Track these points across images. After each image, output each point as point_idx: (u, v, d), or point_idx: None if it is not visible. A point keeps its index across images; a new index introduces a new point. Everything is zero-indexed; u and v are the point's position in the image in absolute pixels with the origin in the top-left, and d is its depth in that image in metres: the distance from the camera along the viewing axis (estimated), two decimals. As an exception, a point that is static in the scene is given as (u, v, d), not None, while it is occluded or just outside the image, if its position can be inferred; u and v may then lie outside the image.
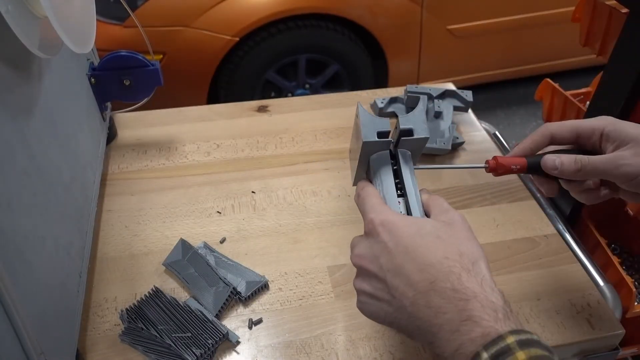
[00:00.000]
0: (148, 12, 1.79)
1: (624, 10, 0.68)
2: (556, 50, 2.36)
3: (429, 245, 0.40)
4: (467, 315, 0.37)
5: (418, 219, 0.44)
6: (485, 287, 0.38)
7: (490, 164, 0.53)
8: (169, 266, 0.67)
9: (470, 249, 0.41)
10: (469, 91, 0.93)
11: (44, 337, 0.46)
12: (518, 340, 0.34)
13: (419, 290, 0.39)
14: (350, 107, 0.98)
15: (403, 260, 0.40)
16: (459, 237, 0.42)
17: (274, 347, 0.60)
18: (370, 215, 0.44)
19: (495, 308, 0.37)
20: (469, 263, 0.39)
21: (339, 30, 1.98)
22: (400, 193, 0.48)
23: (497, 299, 0.38)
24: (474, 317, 0.37)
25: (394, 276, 0.41)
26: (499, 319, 0.36)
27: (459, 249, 0.40)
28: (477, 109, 0.97)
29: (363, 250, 0.44)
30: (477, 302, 0.37)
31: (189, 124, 0.94)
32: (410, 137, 0.49)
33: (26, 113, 0.51)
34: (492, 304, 0.37)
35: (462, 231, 0.43)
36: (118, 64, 0.78)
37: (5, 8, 0.43)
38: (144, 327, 0.59)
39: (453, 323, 0.37)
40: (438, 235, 0.41)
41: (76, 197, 0.63)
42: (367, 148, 0.49)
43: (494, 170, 0.53)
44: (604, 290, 0.68)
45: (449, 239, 0.41)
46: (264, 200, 0.79)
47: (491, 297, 0.38)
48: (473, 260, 0.40)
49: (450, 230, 0.42)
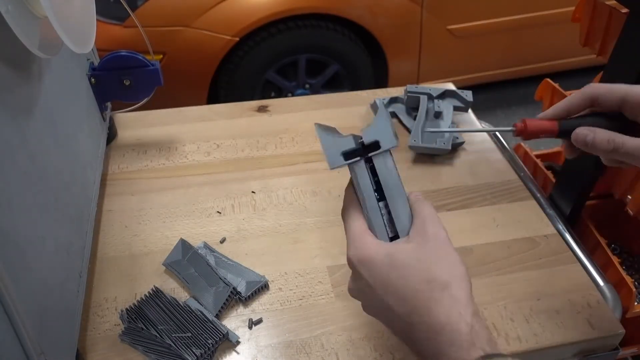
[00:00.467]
0: (148, 12, 1.79)
1: (624, 10, 0.68)
2: (556, 50, 2.36)
3: (402, 278, 0.41)
4: (438, 350, 0.38)
5: (393, 248, 0.43)
6: (452, 316, 0.38)
7: (518, 127, 0.50)
8: (169, 266, 0.67)
9: (441, 272, 0.40)
10: (469, 91, 0.93)
11: (44, 337, 0.46)
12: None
13: (401, 321, 0.41)
14: (351, 107, 0.98)
15: (383, 294, 0.42)
16: (431, 259, 0.41)
17: (274, 347, 0.60)
18: (350, 251, 0.44)
19: (461, 337, 0.38)
20: (438, 290, 0.40)
21: (339, 30, 1.98)
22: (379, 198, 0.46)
23: (465, 324, 0.38)
24: (443, 351, 0.38)
25: (380, 310, 0.43)
26: (464, 348, 0.37)
27: (430, 275, 0.40)
28: (477, 109, 0.97)
29: (352, 284, 0.46)
30: (444, 336, 0.38)
31: (189, 124, 0.94)
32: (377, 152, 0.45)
33: (26, 113, 0.51)
34: (458, 334, 0.38)
35: (435, 250, 0.42)
36: (118, 64, 0.78)
37: (5, 8, 0.43)
38: (144, 327, 0.59)
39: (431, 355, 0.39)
40: (408, 264, 0.41)
41: (76, 197, 0.63)
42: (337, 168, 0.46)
43: (522, 134, 0.50)
44: (604, 290, 0.68)
45: (420, 266, 0.41)
46: (264, 200, 0.79)
47: (459, 325, 0.38)
48: (443, 286, 0.40)
49: (423, 252, 0.42)
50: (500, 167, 0.86)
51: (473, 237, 0.73)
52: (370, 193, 0.46)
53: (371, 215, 0.45)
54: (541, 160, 0.97)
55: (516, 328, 0.62)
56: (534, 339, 0.61)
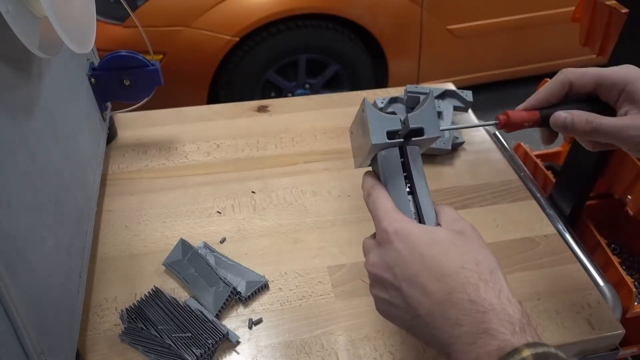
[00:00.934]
0: (148, 12, 1.79)
1: (624, 10, 0.68)
2: (556, 50, 2.36)
3: (445, 254, 0.39)
4: (484, 328, 0.36)
5: (431, 228, 0.42)
6: (502, 299, 0.38)
7: (501, 119, 0.51)
8: (169, 266, 0.67)
9: (487, 258, 0.40)
10: (469, 91, 0.93)
11: (44, 337, 0.46)
12: (534, 354, 0.34)
13: (435, 300, 0.39)
14: (350, 107, 0.98)
15: (418, 269, 0.40)
16: (474, 245, 0.41)
17: (274, 347, 0.60)
18: (384, 223, 0.42)
19: (512, 321, 0.37)
20: (486, 272, 0.39)
21: (339, 30, 1.98)
22: (409, 191, 0.46)
23: (515, 311, 0.37)
24: (490, 330, 0.36)
25: (410, 286, 0.40)
26: (516, 332, 0.36)
27: (476, 257, 0.40)
28: (477, 109, 0.97)
29: (376, 259, 0.43)
30: (494, 315, 0.36)
31: (189, 124, 0.94)
32: (420, 137, 0.46)
33: (26, 113, 0.51)
34: (509, 317, 0.37)
35: (475, 240, 0.42)
36: (118, 64, 0.78)
37: (5, 8, 0.43)
38: (144, 327, 0.59)
39: (470, 336, 0.37)
40: (454, 242, 0.40)
41: (76, 197, 0.63)
42: (377, 148, 0.47)
43: (505, 126, 0.51)
44: (604, 290, 0.68)
45: (464, 247, 0.40)
46: (264, 200, 0.79)
47: (508, 309, 0.37)
48: (490, 270, 0.39)
49: (464, 239, 0.41)
50: (500, 167, 0.86)
51: (473, 237, 0.73)
52: (401, 177, 0.46)
53: (400, 200, 0.45)
54: (541, 160, 0.97)
55: (516, 328, 0.62)
56: (534, 339, 0.61)
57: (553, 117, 0.49)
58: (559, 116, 0.49)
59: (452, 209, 0.46)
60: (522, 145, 1.02)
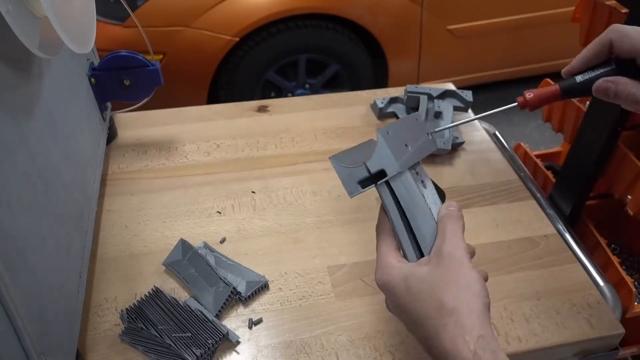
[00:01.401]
0: (148, 12, 1.79)
1: (624, 10, 0.68)
2: (556, 50, 2.35)
3: (416, 302, 0.42)
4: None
5: (409, 269, 0.44)
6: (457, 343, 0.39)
7: (520, 100, 0.51)
8: (169, 266, 0.67)
9: (450, 298, 0.41)
10: (469, 91, 0.93)
11: (44, 337, 0.46)
12: None
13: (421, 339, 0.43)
14: (351, 107, 0.98)
15: (404, 318, 0.45)
16: (442, 284, 0.42)
17: (274, 347, 0.60)
18: (376, 274, 0.46)
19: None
20: (446, 316, 0.40)
21: (339, 30, 1.98)
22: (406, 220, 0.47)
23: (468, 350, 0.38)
24: None
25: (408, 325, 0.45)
26: None
27: (439, 302, 0.41)
28: (477, 109, 0.97)
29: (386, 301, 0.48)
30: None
31: (189, 124, 0.94)
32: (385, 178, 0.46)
33: (26, 113, 0.51)
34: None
35: (447, 273, 0.42)
36: (118, 64, 0.78)
37: (5, 8, 0.43)
38: (144, 327, 0.59)
39: None
40: (421, 289, 0.43)
41: (76, 197, 0.63)
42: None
43: (526, 105, 0.51)
44: (604, 290, 0.68)
45: (431, 292, 0.42)
46: (264, 200, 0.79)
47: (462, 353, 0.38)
48: (450, 312, 0.40)
49: (436, 275, 0.43)
50: (500, 167, 0.86)
51: (473, 237, 0.73)
52: (395, 213, 0.47)
53: (399, 235, 0.47)
54: (541, 160, 0.97)
55: (516, 328, 0.62)
56: (534, 339, 0.61)
57: (596, 86, 0.48)
58: (601, 86, 0.48)
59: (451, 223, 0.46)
60: (522, 145, 1.02)
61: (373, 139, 0.51)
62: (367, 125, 0.94)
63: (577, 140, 0.77)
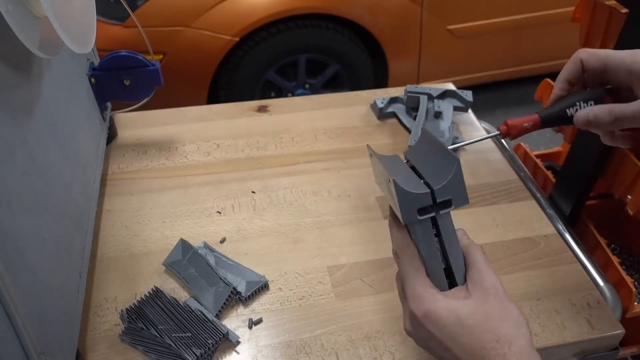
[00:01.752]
0: (148, 12, 1.79)
1: (624, 10, 0.68)
2: (556, 50, 2.35)
3: (471, 334, 0.43)
4: None
5: (455, 304, 0.44)
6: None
7: (502, 129, 0.52)
8: (169, 266, 0.67)
9: (507, 330, 0.42)
10: (469, 91, 0.93)
11: (44, 337, 0.46)
12: None
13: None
14: (351, 107, 0.98)
15: (450, 345, 0.44)
16: (494, 317, 0.43)
17: (274, 347, 0.60)
18: (412, 306, 0.45)
19: None
20: (505, 347, 0.41)
21: (339, 30, 1.98)
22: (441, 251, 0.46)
23: None
24: None
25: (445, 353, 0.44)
26: None
27: (496, 334, 0.42)
28: (477, 109, 0.97)
29: (412, 329, 0.47)
30: None
31: (189, 124, 0.94)
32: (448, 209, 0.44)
33: (26, 113, 0.51)
34: None
35: (498, 307, 0.44)
36: (118, 64, 0.78)
37: (5, 8, 0.43)
38: (144, 327, 0.59)
39: None
40: (476, 322, 0.43)
41: (76, 197, 0.63)
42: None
43: (507, 134, 0.52)
44: (604, 290, 0.68)
45: (487, 325, 0.43)
46: (264, 200, 0.79)
47: None
48: (509, 342, 0.42)
49: (485, 308, 0.43)
50: (500, 167, 0.86)
51: (473, 237, 0.72)
52: (435, 248, 0.46)
53: (434, 267, 0.46)
54: (541, 160, 0.97)
55: (516, 328, 0.62)
56: (534, 339, 0.61)
57: (576, 118, 0.50)
58: (580, 116, 0.50)
59: (479, 254, 0.47)
60: (522, 145, 1.02)
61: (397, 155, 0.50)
62: (367, 125, 0.94)
63: (577, 140, 0.77)
